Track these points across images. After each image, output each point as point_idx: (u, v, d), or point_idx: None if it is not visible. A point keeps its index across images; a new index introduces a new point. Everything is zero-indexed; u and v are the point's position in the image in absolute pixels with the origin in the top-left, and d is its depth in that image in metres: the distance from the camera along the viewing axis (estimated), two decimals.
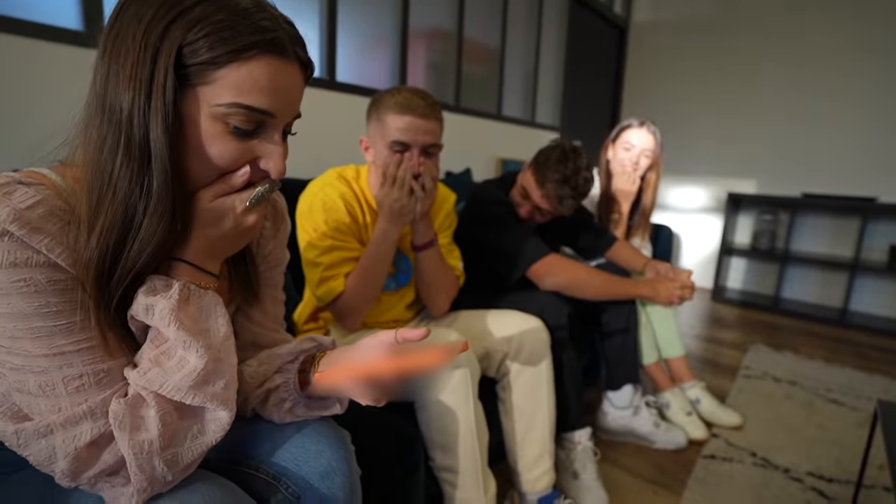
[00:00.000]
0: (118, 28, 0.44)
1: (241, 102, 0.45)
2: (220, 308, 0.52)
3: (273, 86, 0.46)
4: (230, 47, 0.43)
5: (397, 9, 2.03)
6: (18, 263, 0.41)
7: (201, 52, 0.43)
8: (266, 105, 0.47)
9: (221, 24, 0.43)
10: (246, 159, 0.49)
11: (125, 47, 0.43)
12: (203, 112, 0.45)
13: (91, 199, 0.45)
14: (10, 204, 0.41)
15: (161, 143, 0.44)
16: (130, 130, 0.44)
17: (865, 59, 2.92)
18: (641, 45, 3.79)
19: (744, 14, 3.30)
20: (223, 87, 0.45)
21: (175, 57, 0.43)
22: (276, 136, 0.50)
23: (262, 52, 0.45)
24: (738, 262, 3.49)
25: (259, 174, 0.52)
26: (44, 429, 0.45)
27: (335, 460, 0.62)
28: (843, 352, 2.45)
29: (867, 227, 2.90)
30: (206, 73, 0.44)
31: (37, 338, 0.44)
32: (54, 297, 0.44)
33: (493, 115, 2.66)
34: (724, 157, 3.47)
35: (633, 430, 1.48)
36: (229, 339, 0.52)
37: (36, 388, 0.45)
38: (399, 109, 0.95)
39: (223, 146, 0.47)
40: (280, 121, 0.49)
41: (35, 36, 1.08)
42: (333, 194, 1.02)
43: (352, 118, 1.86)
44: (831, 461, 1.45)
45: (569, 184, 1.27)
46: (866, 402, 1.86)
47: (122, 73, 0.43)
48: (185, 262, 0.50)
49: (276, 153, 0.50)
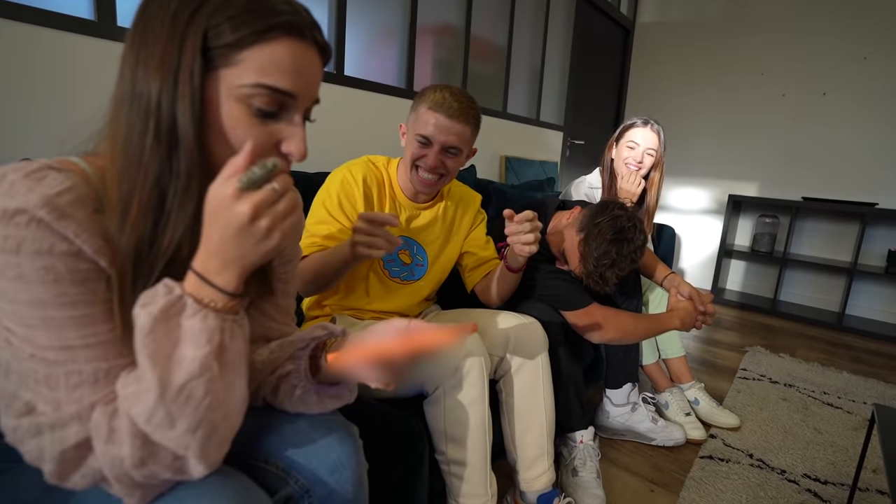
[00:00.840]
0: (146, 19, 0.46)
1: (263, 83, 0.46)
2: (202, 335, 0.44)
3: (294, 67, 0.48)
4: (253, 28, 0.45)
5: (406, 4, 2.03)
6: (42, 251, 0.42)
7: (225, 34, 0.45)
8: (288, 86, 0.48)
9: (244, 8, 0.45)
10: (268, 143, 0.50)
11: (153, 35, 0.45)
12: (226, 94, 0.46)
13: (122, 188, 0.46)
14: (41, 190, 0.42)
15: (188, 125, 0.45)
16: (159, 115, 0.45)
17: (867, 64, 2.92)
18: (646, 46, 3.79)
19: (748, 19, 3.30)
20: (246, 69, 0.46)
21: (201, 41, 0.44)
22: (297, 119, 0.51)
23: (283, 34, 0.46)
24: (738, 264, 3.51)
25: (282, 161, 0.51)
26: (34, 428, 0.46)
27: (344, 454, 0.63)
28: (839, 355, 2.47)
29: (866, 232, 2.92)
30: (230, 55, 0.45)
31: (49, 328, 0.44)
32: (72, 287, 0.44)
33: (498, 113, 2.66)
34: (726, 159, 3.48)
35: (631, 428, 1.50)
36: (207, 372, 0.44)
37: (43, 379, 0.45)
38: (432, 105, 1.01)
39: (246, 129, 0.48)
40: (301, 103, 0.50)
41: (46, 24, 1.08)
42: (357, 173, 1.08)
43: (359, 112, 1.86)
44: (826, 464, 1.47)
45: (615, 268, 1.14)
46: (861, 405, 1.88)
47: (150, 61, 0.45)
48: (192, 270, 0.45)
49: (298, 135, 0.50)
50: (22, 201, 0.41)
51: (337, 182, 1.07)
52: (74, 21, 1.13)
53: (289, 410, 0.65)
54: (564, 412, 1.23)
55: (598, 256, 1.13)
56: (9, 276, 0.42)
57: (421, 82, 2.17)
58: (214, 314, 0.45)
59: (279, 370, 0.63)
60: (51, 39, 1.09)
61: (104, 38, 1.18)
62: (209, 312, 0.45)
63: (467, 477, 0.95)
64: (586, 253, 1.15)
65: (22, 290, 0.43)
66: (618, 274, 1.16)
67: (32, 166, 0.44)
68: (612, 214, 1.15)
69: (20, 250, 0.41)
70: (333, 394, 0.65)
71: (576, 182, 1.83)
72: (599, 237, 1.13)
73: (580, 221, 1.20)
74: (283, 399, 0.63)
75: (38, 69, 1.08)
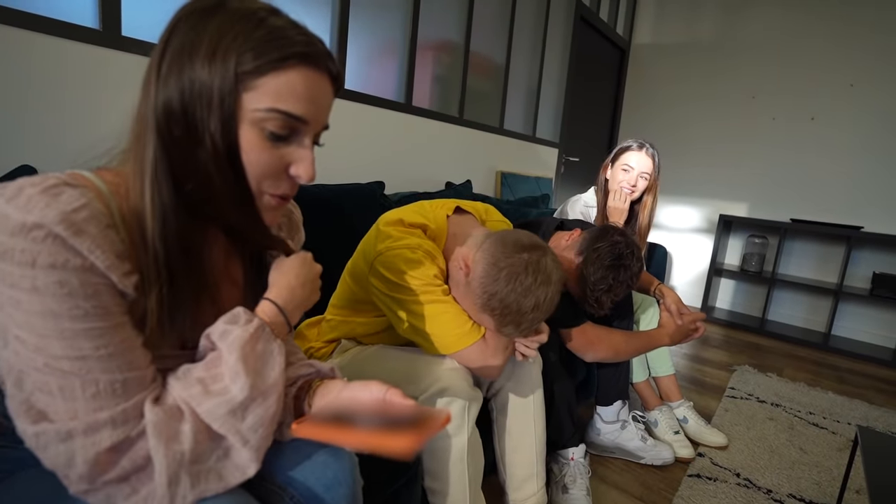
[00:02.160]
0: (177, 45, 0.48)
1: (278, 108, 0.49)
2: (280, 359, 0.56)
3: (308, 94, 0.51)
4: (272, 56, 0.48)
5: (407, 20, 2.06)
6: (57, 265, 0.43)
7: (246, 62, 0.47)
8: (301, 111, 0.50)
9: (263, 38, 0.48)
10: (278, 165, 0.53)
11: (184, 62, 0.47)
12: (243, 117, 0.49)
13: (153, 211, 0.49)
14: (59, 206, 0.43)
15: (221, 150, 0.49)
16: (186, 134, 0.48)
17: (854, 91, 3.01)
18: (641, 66, 3.87)
19: (740, 44, 3.39)
20: (263, 94, 0.48)
21: (234, 66, 0.48)
22: (307, 143, 0.53)
23: (299, 63, 0.49)
24: (727, 283, 3.56)
25: (290, 182, 0.55)
26: (65, 434, 0.46)
27: (340, 472, 0.63)
28: (825, 375, 2.51)
29: (852, 255, 2.98)
30: (249, 80, 0.48)
31: (63, 339, 0.45)
32: (84, 301, 0.45)
33: (495, 129, 2.70)
34: (717, 180, 3.54)
35: (621, 446, 1.51)
36: (276, 389, 0.55)
37: (57, 390, 0.46)
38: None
39: (258, 152, 0.50)
40: (311, 128, 0.53)
41: (50, 32, 1.09)
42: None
43: (358, 127, 1.88)
44: (811, 484, 1.49)
45: (611, 293, 1.17)
46: (845, 426, 1.91)
47: (183, 86, 0.47)
48: (272, 301, 0.59)
49: (307, 158, 0.53)
50: (40, 216, 0.42)
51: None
52: (79, 30, 1.14)
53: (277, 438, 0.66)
54: (556, 429, 1.24)
55: (595, 281, 1.15)
56: (24, 288, 0.43)
57: (420, 97, 2.20)
58: (280, 343, 0.57)
59: None
60: (53, 47, 1.10)
61: (109, 48, 1.19)
62: (277, 340, 0.56)
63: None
64: (584, 276, 1.16)
65: (35, 301, 0.43)
66: (613, 299, 1.18)
67: (49, 181, 0.45)
68: (612, 241, 1.17)
69: (35, 263, 0.42)
70: None
71: (572, 200, 1.86)
72: (598, 262, 1.15)
73: (580, 245, 1.22)
74: None
75: (38, 77, 1.09)
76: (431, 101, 2.29)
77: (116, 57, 1.20)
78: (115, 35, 1.21)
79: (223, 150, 0.49)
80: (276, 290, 0.60)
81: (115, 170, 0.52)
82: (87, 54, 1.15)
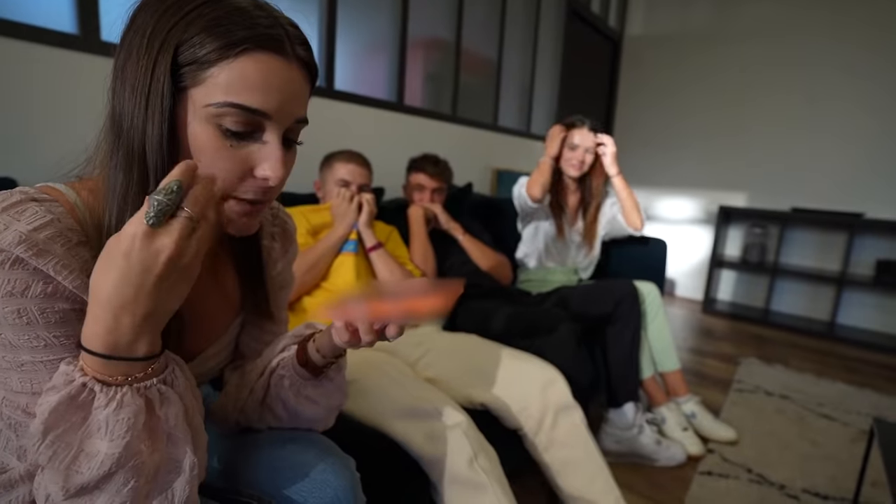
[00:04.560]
0: (128, 41, 0.44)
1: (231, 101, 0.43)
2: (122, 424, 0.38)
3: (267, 84, 0.44)
4: (220, 42, 0.42)
5: (396, 18, 2.02)
6: (15, 293, 0.39)
7: (192, 49, 0.42)
8: (259, 104, 0.44)
9: (213, 21, 0.42)
10: (240, 168, 0.46)
11: (131, 59, 0.43)
12: (195, 115, 0.43)
13: (111, 219, 0.44)
14: (18, 227, 0.39)
15: (156, 150, 0.43)
16: (131, 141, 0.43)
17: (853, 78, 2.98)
18: (634, 58, 3.84)
19: (733, 31, 3.36)
20: (214, 86, 0.42)
21: (171, 60, 0.42)
22: (272, 139, 0.46)
23: (255, 48, 0.43)
24: (729, 274, 3.53)
25: (256, 185, 0.47)
26: (8, 480, 0.44)
27: (341, 490, 0.60)
28: (832, 365, 2.48)
29: (854, 242, 2.95)
30: (198, 72, 0.42)
31: (22, 372, 0.42)
32: (45, 331, 0.41)
33: (489, 126, 2.66)
34: (715, 171, 3.51)
35: (636, 451, 1.47)
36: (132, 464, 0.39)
37: (14, 425, 0.44)
38: None
39: (214, 152, 0.44)
40: (277, 123, 0.46)
41: (27, 39, 1.05)
42: None
43: (349, 127, 1.84)
44: (826, 478, 1.46)
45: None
46: (857, 417, 1.87)
47: (126, 84, 0.43)
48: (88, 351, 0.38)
49: (273, 156, 0.46)
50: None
51: None
52: (56, 35, 1.10)
53: (282, 414, 0.63)
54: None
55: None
56: None
57: (412, 96, 2.17)
58: (134, 392, 0.39)
59: (269, 366, 0.62)
60: (30, 54, 1.06)
61: (87, 53, 1.15)
62: (127, 392, 0.39)
63: None
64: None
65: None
66: None
67: (12, 199, 0.41)
68: None
69: None
70: (322, 391, 0.63)
71: None
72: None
73: None
74: (275, 393, 0.62)
75: (15, 84, 1.05)
76: (423, 99, 2.26)
77: (96, 62, 1.16)
78: (94, 39, 1.17)
79: (164, 156, 0.43)
80: (91, 319, 0.38)
81: (94, 178, 0.48)
82: (66, 60, 1.12)
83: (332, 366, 0.63)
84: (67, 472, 0.38)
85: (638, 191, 3.81)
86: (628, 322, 1.48)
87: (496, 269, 1.64)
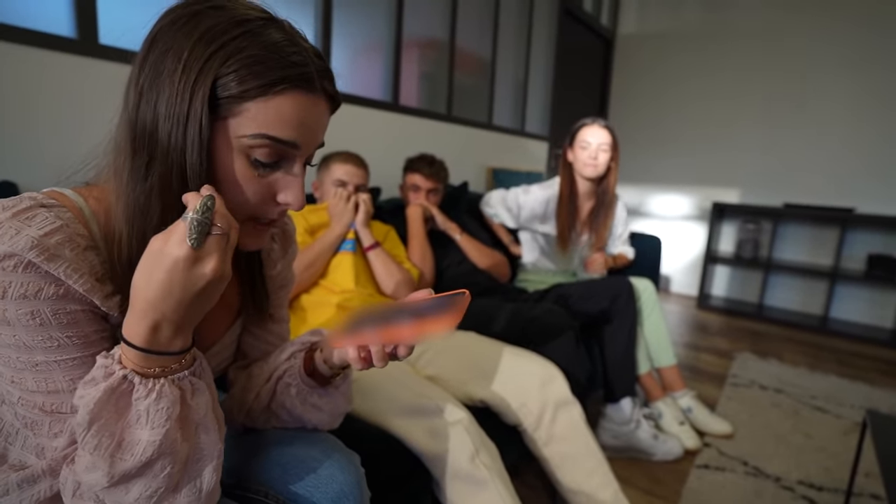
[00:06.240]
0: (155, 58, 0.44)
1: (266, 133, 0.45)
2: (162, 413, 0.41)
3: (299, 120, 0.46)
4: (260, 82, 0.43)
5: (391, 18, 2.03)
6: (28, 295, 0.41)
7: (231, 85, 0.43)
8: (291, 137, 0.46)
9: (253, 59, 0.43)
10: (266, 194, 0.48)
11: (161, 80, 0.43)
12: (227, 144, 0.45)
13: (134, 233, 0.44)
14: (29, 232, 0.40)
15: (196, 176, 0.44)
16: (169, 165, 0.44)
17: (843, 74, 3.02)
18: (627, 56, 3.86)
19: (725, 29, 3.39)
20: (250, 119, 0.44)
21: (210, 90, 0.43)
22: (297, 168, 0.49)
23: (291, 87, 0.45)
24: (723, 269, 3.56)
25: (278, 210, 0.50)
26: (3, 487, 0.45)
27: (347, 485, 0.61)
28: (825, 359, 2.51)
29: (846, 237, 2.99)
30: (235, 105, 0.44)
31: (37, 372, 0.43)
32: (58, 332, 0.43)
33: (484, 125, 2.68)
34: (709, 167, 3.55)
35: (633, 445, 1.49)
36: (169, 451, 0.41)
37: (30, 424, 0.45)
38: None
39: (244, 181, 0.46)
40: (303, 153, 0.49)
41: (25, 42, 1.05)
42: None
43: (345, 127, 1.85)
44: (820, 469, 1.48)
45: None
46: (850, 409, 1.90)
47: (157, 105, 0.43)
48: (129, 344, 0.40)
49: (296, 185, 0.49)
50: (10, 245, 0.39)
51: None
52: (54, 39, 1.10)
53: (287, 419, 0.64)
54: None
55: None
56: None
57: (407, 96, 2.18)
58: (170, 384, 0.42)
59: (276, 372, 0.64)
60: (28, 58, 1.06)
61: (87, 57, 1.15)
62: (164, 383, 0.41)
63: None
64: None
65: (8, 333, 0.42)
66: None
67: (22, 204, 0.42)
68: None
69: (6, 295, 0.40)
70: (327, 399, 0.64)
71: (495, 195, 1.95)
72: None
73: None
74: (281, 400, 0.63)
75: (14, 89, 1.05)
76: (419, 99, 2.27)
77: (95, 66, 1.16)
78: (93, 43, 1.17)
79: (202, 179, 0.44)
80: (133, 317, 0.40)
81: (102, 185, 0.48)
82: (64, 64, 1.12)
83: (338, 376, 0.64)
84: (112, 459, 0.40)
85: (632, 188, 3.84)
86: (625, 318, 1.50)
87: (494, 268, 1.65)
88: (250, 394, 0.65)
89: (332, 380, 0.64)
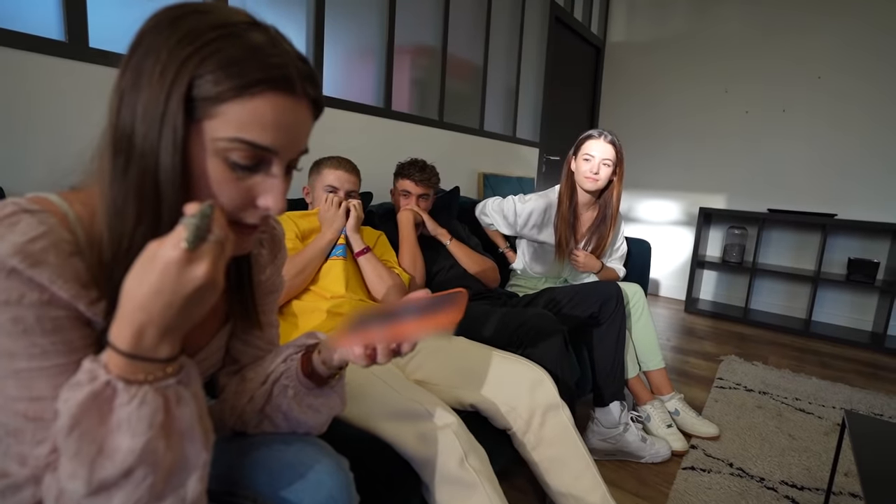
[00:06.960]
0: (136, 61, 0.44)
1: (242, 137, 0.44)
2: (144, 421, 0.40)
3: (277, 123, 0.45)
4: (236, 83, 0.43)
5: (383, 25, 2.05)
6: (10, 301, 0.41)
7: (208, 86, 0.42)
8: (268, 141, 0.45)
9: (230, 60, 0.43)
10: (245, 198, 0.48)
11: (141, 82, 0.43)
12: (203, 146, 0.44)
13: (111, 235, 0.44)
14: (13, 238, 0.40)
15: (169, 179, 0.44)
16: (144, 168, 0.44)
17: (821, 83, 3.09)
18: (616, 64, 3.92)
19: (711, 40, 3.45)
20: (226, 122, 0.44)
21: (185, 90, 0.43)
22: (276, 172, 0.48)
23: (269, 89, 0.44)
24: (710, 274, 3.62)
25: (258, 213, 0.49)
26: (13, 484, 0.44)
27: (335, 489, 0.61)
28: (808, 361, 2.56)
29: (827, 242, 3.05)
30: (211, 107, 0.43)
31: (19, 379, 0.43)
32: (42, 338, 0.42)
33: (475, 131, 2.70)
34: (695, 173, 3.60)
35: (622, 448, 1.51)
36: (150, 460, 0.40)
37: (12, 431, 0.44)
38: None
39: (221, 183, 0.46)
40: (282, 157, 0.48)
41: (13, 45, 1.05)
42: None
43: (337, 132, 1.86)
44: (802, 469, 1.51)
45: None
46: (831, 410, 1.94)
47: (135, 106, 0.43)
48: (115, 349, 0.40)
49: (276, 188, 0.48)
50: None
51: None
52: (44, 42, 1.10)
53: (281, 423, 0.64)
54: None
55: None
56: None
57: (399, 101, 2.19)
58: (154, 391, 0.41)
59: (272, 375, 0.64)
60: (17, 61, 1.06)
61: (76, 60, 1.15)
62: (148, 391, 0.40)
63: None
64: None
65: None
66: None
67: (5, 210, 0.42)
68: None
69: None
70: (324, 400, 0.65)
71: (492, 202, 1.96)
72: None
73: None
74: (277, 402, 0.63)
75: (2, 92, 1.05)
76: (411, 105, 2.28)
77: (84, 69, 1.16)
78: (83, 47, 1.17)
79: (177, 185, 0.44)
80: (120, 321, 0.40)
81: (88, 190, 0.48)
82: (54, 67, 1.11)
83: (335, 377, 0.65)
84: (92, 466, 0.39)
85: None
86: (613, 322, 1.52)
87: (483, 274, 1.66)
88: (243, 397, 0.65)
89: (329, 380, 0.64)
